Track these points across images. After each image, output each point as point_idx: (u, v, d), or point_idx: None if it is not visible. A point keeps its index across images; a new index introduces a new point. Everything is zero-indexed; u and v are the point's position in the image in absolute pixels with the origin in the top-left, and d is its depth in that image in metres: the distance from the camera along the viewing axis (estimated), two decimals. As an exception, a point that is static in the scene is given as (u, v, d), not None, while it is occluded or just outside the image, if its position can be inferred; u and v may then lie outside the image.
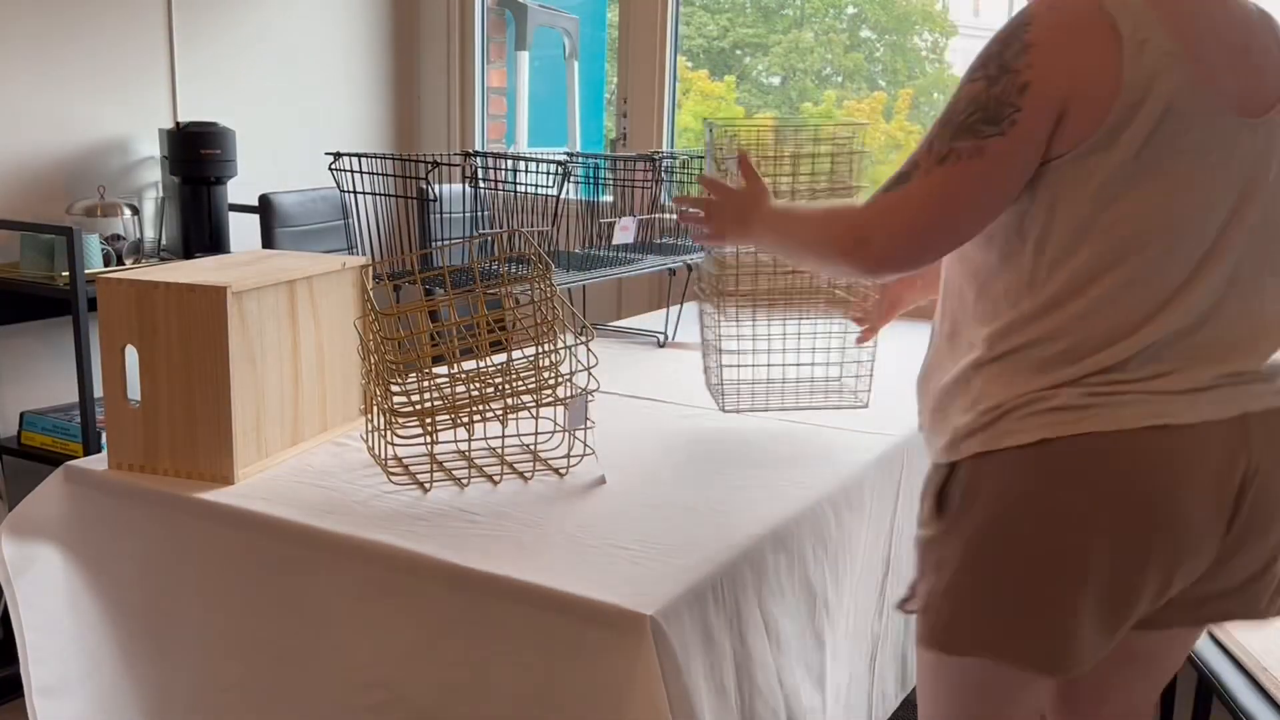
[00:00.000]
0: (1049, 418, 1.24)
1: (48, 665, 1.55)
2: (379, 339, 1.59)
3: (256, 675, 1.51)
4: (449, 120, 3.96)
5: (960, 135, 1.23)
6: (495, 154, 2.44)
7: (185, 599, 1.56)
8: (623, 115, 3.66)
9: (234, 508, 1.51)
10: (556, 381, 1.61)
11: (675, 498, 1.58)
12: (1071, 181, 1.22)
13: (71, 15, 2.90)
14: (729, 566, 1.37)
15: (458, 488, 1.59)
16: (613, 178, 2.84)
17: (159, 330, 1.57)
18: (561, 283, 2.34)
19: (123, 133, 3.06)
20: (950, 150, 1.23)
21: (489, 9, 3.95)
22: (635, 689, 1.21)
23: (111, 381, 1.61)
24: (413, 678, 1.37)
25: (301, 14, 3.56)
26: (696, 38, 4.53)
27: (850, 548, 1.73)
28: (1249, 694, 1.73)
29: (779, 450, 1.83)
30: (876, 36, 4.53)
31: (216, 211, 3.07)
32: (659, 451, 1.80)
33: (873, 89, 4.49)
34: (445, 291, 1.68)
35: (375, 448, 1.67)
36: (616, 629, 1.23)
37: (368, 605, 1.40)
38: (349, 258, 1.81)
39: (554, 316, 1.62)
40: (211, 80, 3.29)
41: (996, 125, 1.21)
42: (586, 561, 1.35)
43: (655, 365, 2.42)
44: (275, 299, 1.64)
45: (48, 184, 2.90)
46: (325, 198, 3.13)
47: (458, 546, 1.38)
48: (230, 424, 1.56)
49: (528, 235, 1.70)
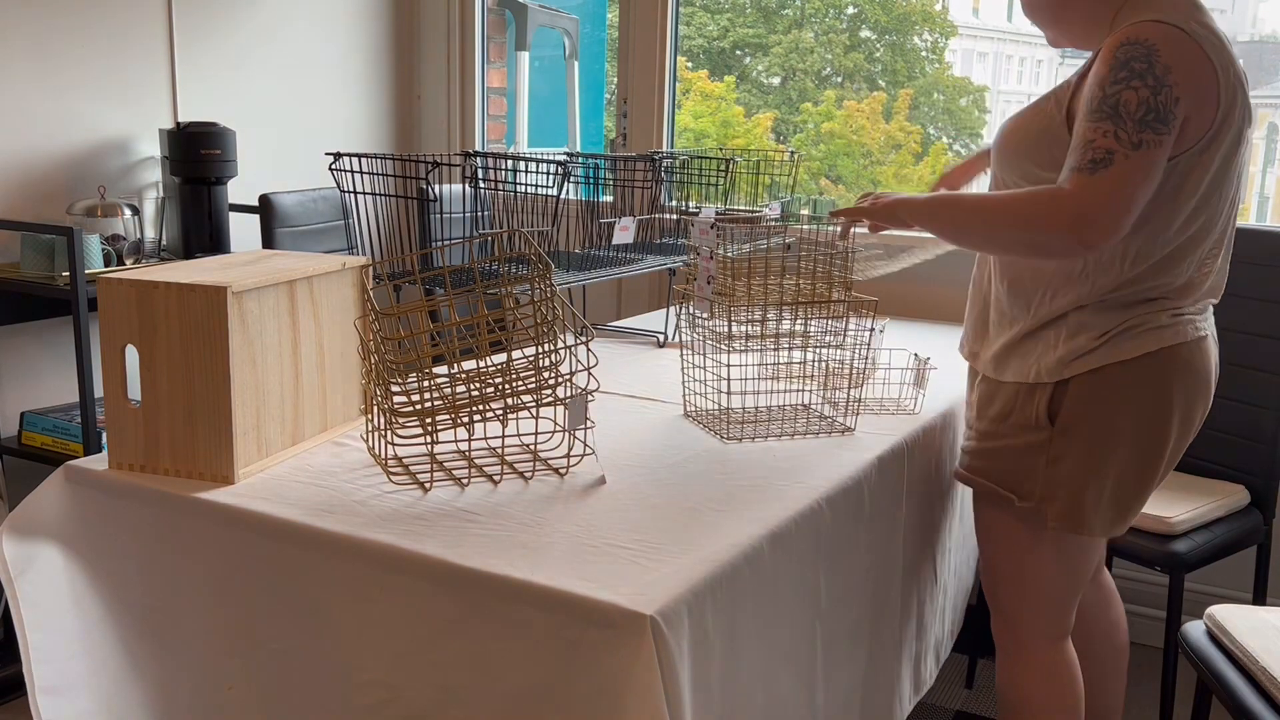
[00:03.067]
0: (1147, 338, 1.69)
1: (51, 664, 1.55)
2: (379, 339, 1.59)
3: (257, 674, 1.51)
4: (449, 120, 3.96)
5: (1143, 129, 1.55)
6: (495, 154, 2.44)
7: (186, 598, 1.56)
8: (623, 115, 3.66)
9: (234, 508, 1.51)
10: (556, 381, 1.61)
11: (675, 498, 1.59)
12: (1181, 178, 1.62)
13: (72, 16, 2.90)
14: (728, 567, 1.37)
15: (458, 488, 1.60)
16: (613, 178, 2.84)
17: (159, 330, 1.57)
18: (561, 283, 2.34)
19: (123, 133, 3.06)
20: (1141, 139, 1.56)
21: (489, 9, 3.95)
22: (635, 689, 1.21)
23: (111, 381, 1.61)
24: (412, 677, 1.37)
25: (302, 15, 3.56)
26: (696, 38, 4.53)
27: (850, 548, 1.73)
28: (1249, 694, 1.73)
29: (778, 451, 1.83)
30: (876, 36, 4.53)
31: (217, 212, 3.07)
32: (659, 451, 1.80)
33: (873, 89, 4.49)
34: (445, 291, 1.69)
35: (375, 448, 1.67)
36: (616, 629, 1.23)
37: (367, 605, 1.40)
38: (349, 258, 1.81)
39: (554, 316, 1.62)
40: (212, 80, 3.29)
41: (1166, 125, 1.56)
42: (586, 561, 1.35)
43: (655, 365, 2.43)
44: (275, 299, 1.65)
45: (48, 184, 2.90)
46: (325, 198, 3.13)
47: (458, 546, 1.38)
48: (230, 424, 1.56)
49: (528, 235, 1.70)
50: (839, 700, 1.76)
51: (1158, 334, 1.70)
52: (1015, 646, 1.91)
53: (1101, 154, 1.56)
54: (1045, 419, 1.75)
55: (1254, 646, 1.77)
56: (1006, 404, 1.80)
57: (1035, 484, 1.77)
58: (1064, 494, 1.74)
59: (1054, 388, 1.73)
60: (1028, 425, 1.76)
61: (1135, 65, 1.57)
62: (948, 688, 2.77)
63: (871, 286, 2.68)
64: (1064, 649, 1.89)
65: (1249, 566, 2.56)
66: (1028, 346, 1.77)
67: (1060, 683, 1.88)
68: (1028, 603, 1.88)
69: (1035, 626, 1.88)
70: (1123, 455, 1.73)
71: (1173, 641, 2.31)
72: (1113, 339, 1.70)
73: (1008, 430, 1.80)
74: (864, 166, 4.40)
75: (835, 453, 1.82)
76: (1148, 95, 1.55)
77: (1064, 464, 1.74)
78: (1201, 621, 1.92)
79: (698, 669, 1.31)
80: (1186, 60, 1.57)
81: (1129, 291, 1.70)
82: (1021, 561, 1.85)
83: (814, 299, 1.94)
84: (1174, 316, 1.71)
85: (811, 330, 1.93)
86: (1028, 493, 1.78)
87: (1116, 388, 1.71)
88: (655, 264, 2.68)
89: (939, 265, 2.41)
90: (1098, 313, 1.71)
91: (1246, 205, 3.46)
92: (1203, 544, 2.34)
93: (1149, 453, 1.74)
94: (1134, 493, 1.77)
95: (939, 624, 2.25)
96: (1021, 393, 1.77)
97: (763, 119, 4.49)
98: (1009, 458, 1.80)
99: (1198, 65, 1.58)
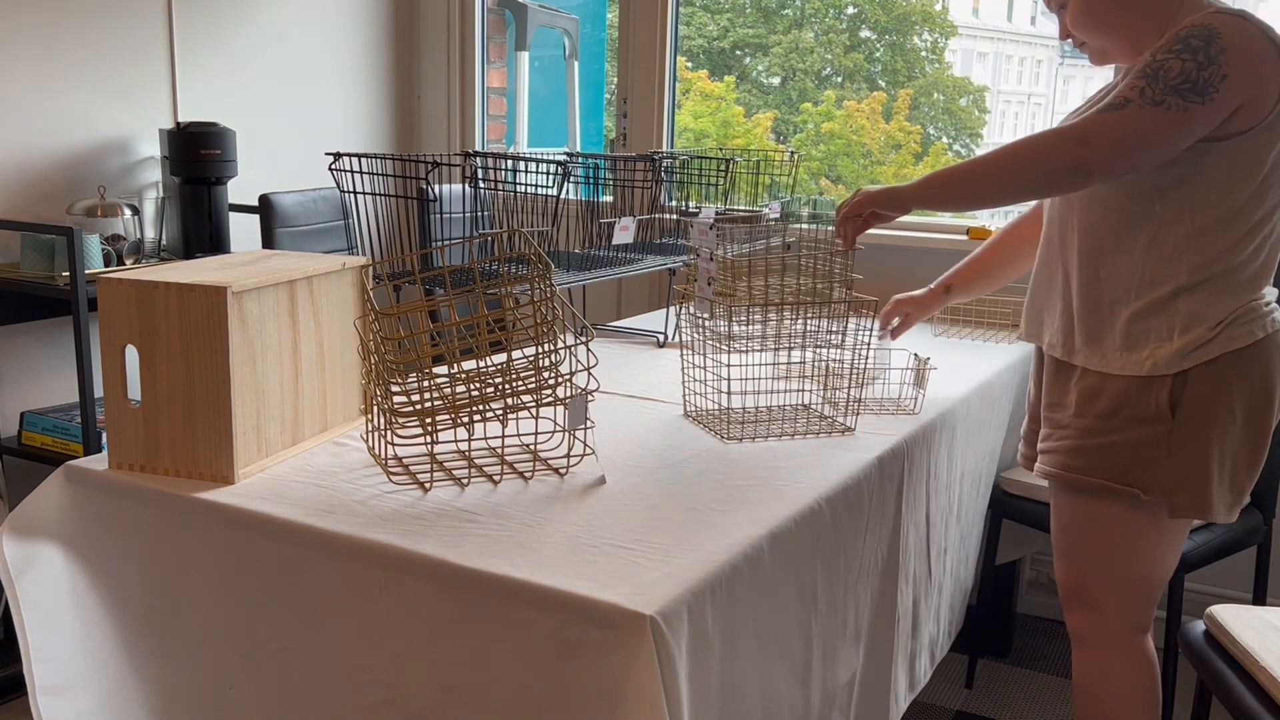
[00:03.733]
0: (1255, 325, 1.76)
1: (51, 664, 1.55)
2: (379, 339, 1.59)
3: (257, 674, 1.51)
4: (449, 120, 3.96)
5: (1171, 93, 1.65)
6: (495, 154, 2.44)
7: (186, 598, 1.56)
8: (623, 115, 3.66)
9: (234, 508, 1.51)
10: (556, 381, 1.61)
11: (675, 498, 1.59)
12: (1253, 156, 1.70)
13: (72, 15, 2.90)
14: (728, 567, 1.37)
15: (458, 488, 1.60)
16: (613, 178, 2.84)
17: (159, 330, 1.57)
18: (561, 283, 2.34)
19: (123, 133, 3.06)
20: (1164, 100, 1.65)
21: (489, 9, 3.95)
22: (635, 689, 1.21)
23: (111, 381, 1.61)
24: (412, 677, 1.38)
25: (302, 14, 3.56)
26: (696, 38, 4.53)
27: (849, 549, 1.73)
28: (1249, 694, 1.73)
29: (778, 450, 1.83)
30: (876, 36, 4.54)
31: (217, 212, 3.07)
32: (659, 451, 1.80)
33: (873, 89, 4.49)
34: (445, 291, 1.69)
35: (375, 448, 1.67)
36: (616, 629, 1.23)
37: (368, 605, 1.40)
38: (349, 258, 1.81)
39: (554, 316, 1.62)
40: (212, 80, 3.29)
41: (1201, 97, 1.65)
42: (586, 561, 1.35)
43: (655, 365, 2.43)
44: (275, 299, 1.65)
45: (48, 184, 2.90)
46: (325, 198, 3.13)
47: (458, 546, 1.38)
48: (230, 424, 1.56)
49: (528, 235, 1.70)
50: (837, 699, 1.76)
51: (1262, 321, 1.77)
52: (1104, 639, 1.92)
53: (1120, 100, 1.68)
54: (1167, 410, 1.76)
55: (1254, 646, 1.77)
56: (1116, 399, 1.80)
57: (1159, 475, 1.78)
58: (1191, 483, 1.77)
59: (1173, 379, 1.76)
60: (1145, 418, 1.77)
61: (1193, 42, 1.66)
62: (948, 688, 2.77)
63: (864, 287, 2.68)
64: (1147, 644, 1.92)
65: (1249, 566, 2.56)
66: (1137, 338, 1.79)
67: (1146, 675, 1.91)
68: (1126, 593, 1.89)
69: (1127, 618, 1.90)
70: (1237, 438, 1.78)
71: (1173, 641, 2.31)
72: (1226, 328, 1.75)
73: (1119, 425, 1.80)
74: (864, 166, 4.40)
75: (835, 453, 1.82)
76: (1193, 68, 1.64)
77: (1187, 452, 1.77)
78: (1201, 621, 1.92)
79: (697, 669, 1.31)
80: (1247, 43, 1.65)
81: (1223, 272, 1.75)
82: (1130, 551, 1.86)
83: (814, 299, 1.94)
84: (1267, 305, 1.80)
85: (811, 330, 1.93)
86: (1151, 485, 1.78)
87: (1232, 375, 1.76)
88: (655, 264, 2.68)
89: (936, 267, 2.41)
90: (1208, 302, 1.75)
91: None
92: (1202, 544, 2.34)
93: (1258, 433, 1.80)
94: (1247, 474, 1.82)
95: (934, 623, 2.25)
96: (1134, 386, 1.78)
97: (763, 119, 4.50)
98: (1124, 453, 1.80)
99: (1259, 48, 1.65)
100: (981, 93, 4.38)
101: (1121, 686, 1.91)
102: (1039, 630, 3.11)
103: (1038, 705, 2.72)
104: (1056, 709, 2.70)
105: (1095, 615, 1.91)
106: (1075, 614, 1.94)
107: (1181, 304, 1.76)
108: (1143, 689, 1.91)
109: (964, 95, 4.43)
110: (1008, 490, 2.57)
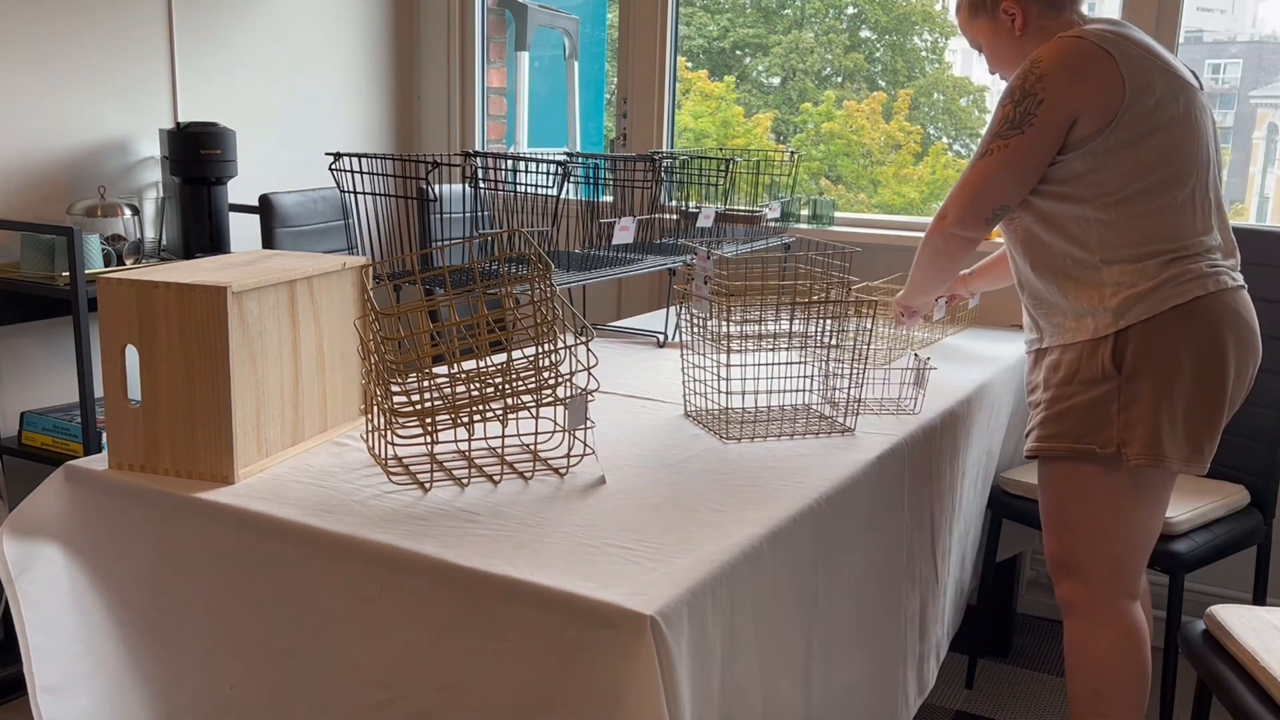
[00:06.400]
0: (1192, 285, 1.87)
1: (52, 664, 1.55)
2: (379, 339, 1.59)
3: (257, 674, 1.51)
4: (449, 120, 3.96)
5: (995, 138, 1.93)
6: (495, 154, 2.44)
7: (186, 598, 1.56)
8: (623, 115, 3.66)
9: (234, 508, 1.51)
10: (556, 381, 1.61)
11: (675, 498, 1.59)
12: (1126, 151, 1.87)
13: (72, 16, 2.90)
14: (728, 567, 1.37)
15: (458, 488, 1.60)
16: (613, 178, 2.84)
17: (159, 330, 1.57)
18: (561, 283, 2.34)
19: (123, 133, 3.06)
20: (989, 148, 1.94)
21: (489, 9, 3.95)
22: (634, 689, 1.21)
23: (111, 381, 1.61)
24: (412, 677, 1.38)
25: (302, 14, 3.56)
26: (696, 38, 4.53)
27: (849, 549, 1.73)
28: (1249, 694, 1.73)
29: (778, 450, 1.83)
30: (876, 36, 4.54)
31: (217, 212, 3.07)
32: (659, 451, 1.80)
33: (872, 89, 4.49)
34: (445, 291, 1.69)
35: (375, 448, 1.68)
36: (616, 629, 1.23)
37: (368, 605, 1.40)
38: (349, 258, 1.81)
39: (554, 316, 1.63)
40: (211, 80, 3.29)
41: (1019, 128, 1.90)
42: (586, 561, 1.35)
43: (655, 365, 2.43)
44: (275, 299, 1.65)
45: (48, 184, 2.90)
46: (325, 198, 3.13)
47: (457, 546, 1.38)
48: (230, 424, 1.57)
49: (528, 235, 1.71)
50: (838, 700, 1.76)
51: (1200, 282, 1.88)
52: (1089, 607, 1.99)
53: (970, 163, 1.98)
54: (1112, 368, 1.89)
55: (1254, 646, 1.77)
56: (1071, 365, 1.94)
57: (1112, 429, 1.90)
58: (1140, 431, 1.88)
59: (1115, 338, 1.89)
60: (1095, 379, 1.91)
61: (1015, 82, 1.91)
62: (948, 688, 2.77)
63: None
64: (1135, 611, 1.98)
65: (1249, 566, 2.56)
66: (1083, 314, 1.94)
67: (1133, 642, 1.97)
68: (1108, 557, 1.96)
69: (1111, 584, 1.97)
70: (1186, 388, 1.87)
71: (1173, 641, 2.31)
72: (1160, 288, 1.87)
73: (1076, 389, 1.93)
74: (864, 166, 4.40)
75: (835, 453, 1.82)
76: (1011, 108, 1.90)
77: (1135, 406, 1.88)
78: (1201, 621, 1.92)
79: (697, 669, 1.31)
80: (1066, 64, 1.86)
81: (1143, 248, 1.89)
82: (1109, 513, 1.95)
83: (814, 299, 1.94)
84: (1211, 267, 1.90)
85: (811, 330, 1.93)
86: (1106, 440, 1.90)
87: (1173, 331, 1.87)
88: (655, 264, 2.68)
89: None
90: (1137, 272, 1.89)
91: (1246, 205, 3.46)
92: (1203, 544, 2.34)
93: (1210, 387, 1.89)
94: (1205, 428, 1.90)
95: (939, 624, 2.25)
96: (1085, 350, 1.92)
97: (763, 119, 4.50)
98: (1081, 414, 1.92)
99: (1081, 65, 1.86)
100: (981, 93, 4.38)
101: (1109, 652, 1.96)
102: (1039, 630, 3.11)
103: (1038, 705, 2.72)
104: (1056, 709, 2.70)
105: (1080, 582, 1.99)
106: (1063, 584, 2.02)
107: (1115, 272, 1.91)
108: (1131, 655, 1.96)
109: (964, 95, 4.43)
110: (1007, 490, 2.57)
